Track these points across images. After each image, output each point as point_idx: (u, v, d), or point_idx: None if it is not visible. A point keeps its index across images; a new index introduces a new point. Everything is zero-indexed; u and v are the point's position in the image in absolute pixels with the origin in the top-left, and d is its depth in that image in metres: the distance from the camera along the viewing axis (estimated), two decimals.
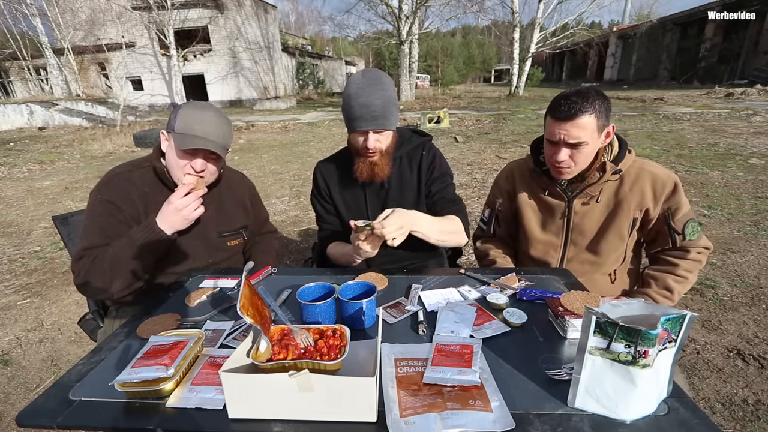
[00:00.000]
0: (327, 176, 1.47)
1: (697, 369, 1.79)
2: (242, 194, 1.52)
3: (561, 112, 1.16)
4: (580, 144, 1.18)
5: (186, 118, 1.21)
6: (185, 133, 1.20)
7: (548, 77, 38.32)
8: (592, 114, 1.15)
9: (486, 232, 1.57)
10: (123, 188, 1.26)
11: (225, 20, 20.60)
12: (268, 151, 7.96)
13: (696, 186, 4.38)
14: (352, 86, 1.25)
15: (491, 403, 0.69)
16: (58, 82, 17.66)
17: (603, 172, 1.26)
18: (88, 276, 1.15)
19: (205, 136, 1.21)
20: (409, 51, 17.90)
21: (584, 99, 1.15)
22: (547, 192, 1.37)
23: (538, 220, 1.41)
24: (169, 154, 1.25)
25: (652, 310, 0.66)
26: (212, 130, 1.23)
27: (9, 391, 1.89)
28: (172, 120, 1.24)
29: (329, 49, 48.83)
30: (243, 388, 0.67)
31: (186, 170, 1.24)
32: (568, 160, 1.21)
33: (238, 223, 1.47)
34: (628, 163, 1.27)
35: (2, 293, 2.83)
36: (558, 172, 1.27)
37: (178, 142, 1.20)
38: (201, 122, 1.21)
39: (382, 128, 1.26)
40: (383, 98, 1.22)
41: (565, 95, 1.18)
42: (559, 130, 1.18)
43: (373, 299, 0.95)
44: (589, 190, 1.30)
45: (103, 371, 0.82)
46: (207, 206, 1.35)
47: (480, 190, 4.68)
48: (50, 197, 5.33)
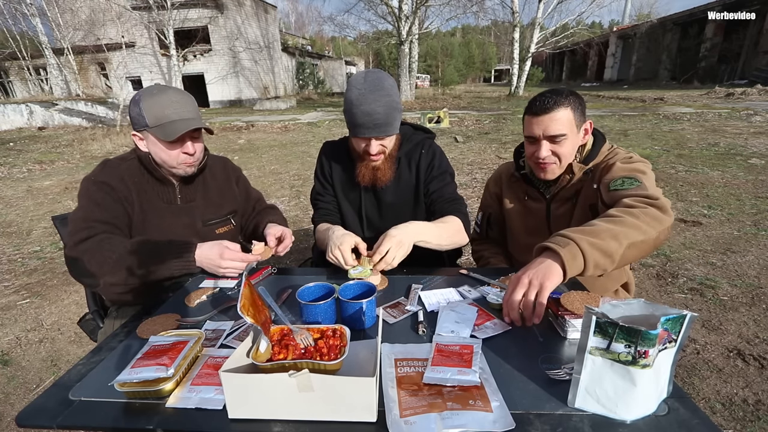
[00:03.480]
0: (331, 158, 1.46)
1: (697, 369, 1.79)
2: (228, 179, 1.49)
3: (537, 108, 1.20)
4: (559, 137, 1.19)
5: (153, 108, 1.17)
6: (163, 123, 1.17)
7: (548, 77, 38.31)
8: (568, 107, 1.18)
9: (480, 234, 1.60)
10: (116, 173, 1.24)
11: (225, 20, 20.60)
12: (268, 151, 7.96)
13: (696, 186, 4.38)
14: (353, 91, 1.20)
15: (491, 403, 0.69)
16: (58, 82, 17.66)
17: (572, 174, 1.26)
18: (88, 256, 1.09)
19: (182, 117, 1.18)
20: (409, 51, 17.89)
21: (558, 94, 1.19)
22: (528, 197, 1.40)
23: (523, 223, 1.43)
24: (154, 150, 1.23)
25: (652, 310, 0.66)
26: (183, 108, 1.20)
27: (9, 391, 1.89)
28: (137, 118, 1.19)
29: (329, 49, 48.86)
30: (243, 388, 0.67)
31: (180, 159, 1.23)
32: (550, 156, 1.22)
33: (225, 209, 1.44)
34: (601, 158, 1.26)
35: (2, 293, 2.83)
36: (542, 169, 1.27)
37: (162, 134, 1.17)
38: (169, 105, 1.18)
39: (385, 135, 1.24)
40: (386, 104, 1.18)
41: (540, 94, 1.23)
42: (537, 126, 1.21)
43: (373, 299, 0.95)
44: (562, 193, 1.31)
45: (103, 371, 0.82)
46: (194, 195, 1.36)
47: (480, 190, 4.68)
48: (50, 197, 5.33)
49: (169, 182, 1.32)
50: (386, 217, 1.43)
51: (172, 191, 1.33)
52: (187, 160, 1.26)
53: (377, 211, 1.44)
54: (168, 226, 1.31)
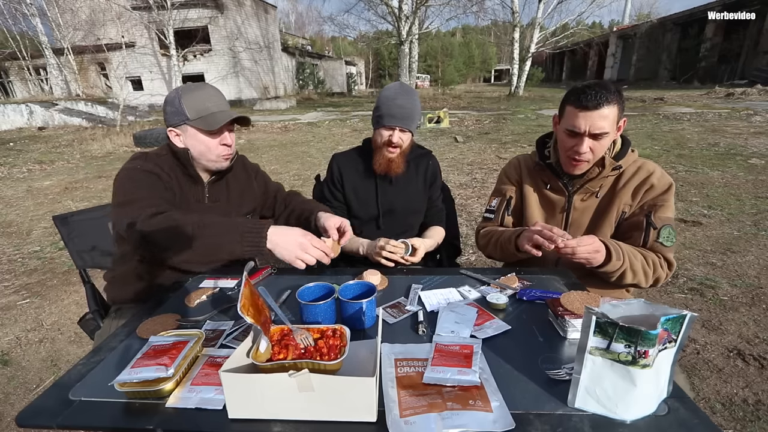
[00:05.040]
0: (342, 167, 1.61)
1: (697, 369, 1.79)
2: (248, 177, 1.50)
3: (587, 101, 1.14)
4: (602, 135, 1.17)
5: (193, 102, 1.21)
6: (204, 115, 1.21)
7: (548, 77, 38.32)
8: (615, 104, 1.15)
9: (492, 221, 1.53)
10: (158, 165, 1.23)
11: (225, 20, 20.58)
12: (268, 151, 7.96)
13: (696, 186, 4.38)
14: (390, 90, 1.46)
15: (491, 403, 0.69)
16: (58, 82, 17.66)
17: (602, 168, 1.25)
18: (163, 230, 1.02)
19: (221, 109, 1.24)
20: (409, 51, 17.90)
21: (607, 90, 1.15)
22: (549, 187, 1.38)
23: (541, 214, 1.41)
24: (193, 144, 1.24)
25: (652, 310, 0.66)
26: (222, 101, 1.26)
27: (9, 391, 1.89)
28: (176, 113, 1.21)
29: (329, 49, 48.82)
30: (243, 388, 0.67)
31: (219, 151, 1.26)
32: (588, 152, 1.20)
33: (245, 209, 1.46)
34: (629, 161, 1.27)
35: (2, 293, 2.83)
36: (574, 165, 1.25)
37: (205, 125, 1.20)
38: (209, 99, 1.23)
39: (407, 128, 1.46)
40: (415, 105, 1.46)
41: (588, 85, 1.17)
42: (585, 121, 1.16)
43: (373, 299, 0.95)
44: (589, 185, 1.30)
45: (103, 371, 0.82)
46: (219, 195, 1.38)
47: (480, 190, 4.68)
48: (50, 197, 5.33)
49: (200, 180, 1.33)
50: (398, 208, 1.62)
51: (201, 190, 1.34)
52: (226, 151, 1.28)
53: (391, 204, 1.63)
54: None
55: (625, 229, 1.28)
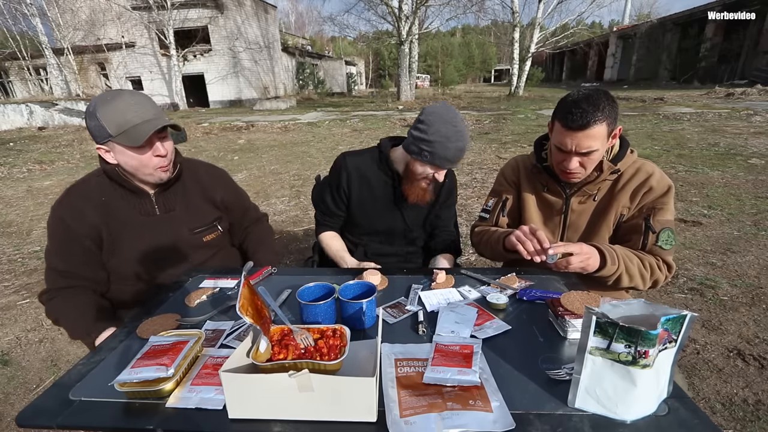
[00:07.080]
0: (353, 175, 1.48)
1: (697, 369, 1.79)
2: (212, 185, 1.42)
3: (573, 122, 1.12)
4: (591, 152, 1.17)
5: (112, 114, 1.10)
6: (126, 129, 1.10)
7: (548, 77, 38.32)
8: (604, 122, 1.12)
9: (488, 221, 1.53)
10: (76, 206, 1.21)
11: (225, 20, 20.58)
12: (268, 151, 7.96)
13: (696, 186, 4.38)
14: (448, 127, 1.27)
15: (491, 403, 0.69)
16: (58, 82, 17.67)
17: (600, 171, 1.25)
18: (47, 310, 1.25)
19: (144, 119, 1.12)
20: (409, 51, 17.89)
21: (595, 107, 1.10)
22: (547, 189, 1.38)
23: (538, 216, 1.41)
24: (124, 160, 1.16)
25: (652, 310, 0.66)
26: (143, 109, 1.13)
27: (9, 391, 1.89)
28: (97, 129, 1.11)
29: (329, 49, 48.81)
30: (243, 388, 0.67)
31: (154, 163, 1.18)
32: (578, 167, 1.21)
33: (209, 217, 1.39)
34: (627, 163, 1.27)
35: (2, 293, 2.83)
36: (567, 177, 1.27)
37: (128, 140, 1.11)
38: (127, 109, 1.11)
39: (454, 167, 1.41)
40: (468, 145, 1.34)
41: (575, 101, 1.13)
42: (571, 140, 1.15)
43: (373, 299, 0.95)
44: (586, 188, 1.30)
45: (103, 371, 0.82)
46: (174, 204, 1.31)
47: (480, 190, 4.67)
48: (50, 197, 5.33)
49: (144, 193, 1.26)
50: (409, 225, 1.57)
51: (149, 202, 1.27)
52: (161, 163, 1.20)
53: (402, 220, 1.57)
54: (147, 241, 1.26)
55: (623, 232, 1.29)
